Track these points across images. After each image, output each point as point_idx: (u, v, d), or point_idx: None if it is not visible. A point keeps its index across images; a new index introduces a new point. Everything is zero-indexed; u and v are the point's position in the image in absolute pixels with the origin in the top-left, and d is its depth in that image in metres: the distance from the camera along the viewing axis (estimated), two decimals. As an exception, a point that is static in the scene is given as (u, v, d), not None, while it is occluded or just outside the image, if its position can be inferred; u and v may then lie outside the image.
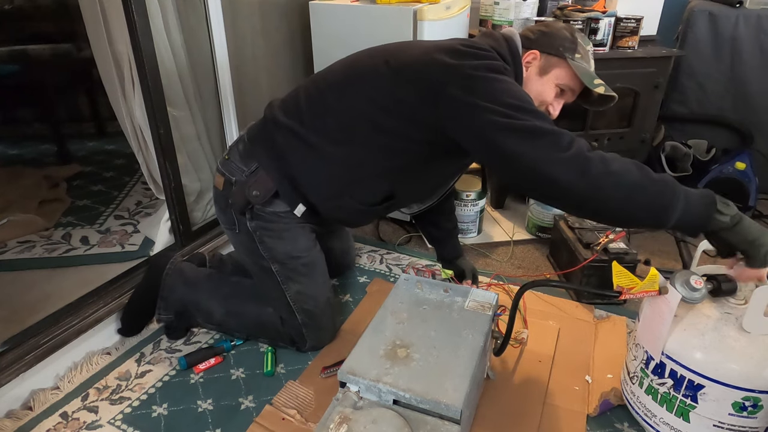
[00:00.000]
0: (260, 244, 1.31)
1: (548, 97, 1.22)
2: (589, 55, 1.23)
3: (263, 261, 1.33)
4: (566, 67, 1.20)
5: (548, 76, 1.22)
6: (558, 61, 1.21)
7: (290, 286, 1.34)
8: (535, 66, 1.22)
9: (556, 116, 1.24)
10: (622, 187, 0.98)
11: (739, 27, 2.16)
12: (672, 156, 2.29)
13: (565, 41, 1.20)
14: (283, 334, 1.39)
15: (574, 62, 1.19)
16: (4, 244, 1.90)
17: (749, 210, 1.99)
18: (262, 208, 1.27)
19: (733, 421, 1.00)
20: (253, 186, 1.25)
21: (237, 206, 1.27)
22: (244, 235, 1.32)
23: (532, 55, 1.22)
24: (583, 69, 1.20)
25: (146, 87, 1.49)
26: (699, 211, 0.97)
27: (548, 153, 1.00)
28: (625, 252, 1.55)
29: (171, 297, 1.44)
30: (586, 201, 1.00)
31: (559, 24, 1.28)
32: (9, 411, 1.23)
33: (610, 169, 0.98)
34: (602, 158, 0.99)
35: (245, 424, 1.18)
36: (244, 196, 1.26)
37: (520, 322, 1.47)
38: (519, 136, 1.01)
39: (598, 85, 1.20)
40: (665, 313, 1.01)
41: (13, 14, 2.86)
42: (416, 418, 0.96)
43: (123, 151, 2.72)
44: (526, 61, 1.22)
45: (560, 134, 1.02)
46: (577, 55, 1.20)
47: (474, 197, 1.91)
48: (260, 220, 1.29)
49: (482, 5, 2.19)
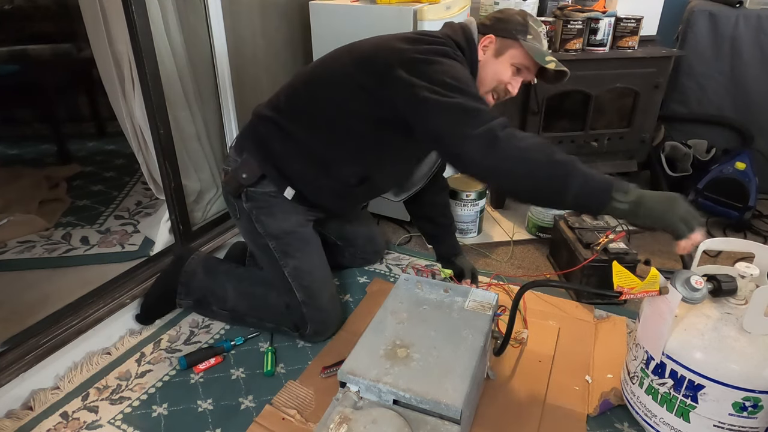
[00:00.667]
0: (257, 223, 1.41)
1: (505, 76, 1.32)
2: (540, 36, 1.32)
3: (261, 239, 1.42)
4: (519, 47, 1.30)
5: (504, 57, 1.31)
6: (512, 43, 1.30)
7: (287, 262, 1.41)
8: (491, 49, 1.33)
9: (515, 93, 1.35)
10: (523, 164, 1.06)
11: (739, 27, 2.16)
12: (672, 156, 2.29)
13: (517, 25, 1.31)
14: (286, 318, 1.43)
15: (527, 43, 1.29)
16: (4, 244, 1.90)
17: (749, 210, 1.99)
18: (254, 190, 1.39)
19: (733, 421, 1.00)
20: (242, 169, 1.37)
21: (231, 189, 1.40)
22: (244, 218, 1.43)
23: (488, 39, 1.32)
24: (535, 48, 1.29)
25: (146, 87, 1.49)
26: (594, 196, 1.04)
27: (459, 129, 1.10)
28: (625, 252, 1.55)
29: (192, 283, 1.51)
30: (487, 176, 1.15)
31: (512, 10, 1.38)
32: (9, 411, 1.23)
33: (514, 148, 1.07)
34: (510, 136, 1.08)
35: (245, 424, 1.19)
36: (235, 179, 1.38)
37: (520, 322, 1.48)
38: (439, 111, 1.12)
39: (550, 61, 1.29)
40: (665, 313, 1.01)
41: (13, 14, 2.86)
42: (416, 418, 0.96)
43: (123, 151, 2.72)
44: (483, 45, 1.33)
45: (479, 113, 1.11)
46: (528, 36, 1.30)
47: (474, 197, 1.91)
48: (254, 201, 1.40)
49: (482, 5, 2.19)
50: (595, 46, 1.97)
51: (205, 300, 1.50)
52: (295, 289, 1.41)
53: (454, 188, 1.90)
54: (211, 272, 1.53)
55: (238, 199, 1.41)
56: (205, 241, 1.76)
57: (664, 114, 2.32)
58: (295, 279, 1.41)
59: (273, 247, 1.41)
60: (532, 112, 1.98)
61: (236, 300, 1.48)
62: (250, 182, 1.36)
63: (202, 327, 1.52)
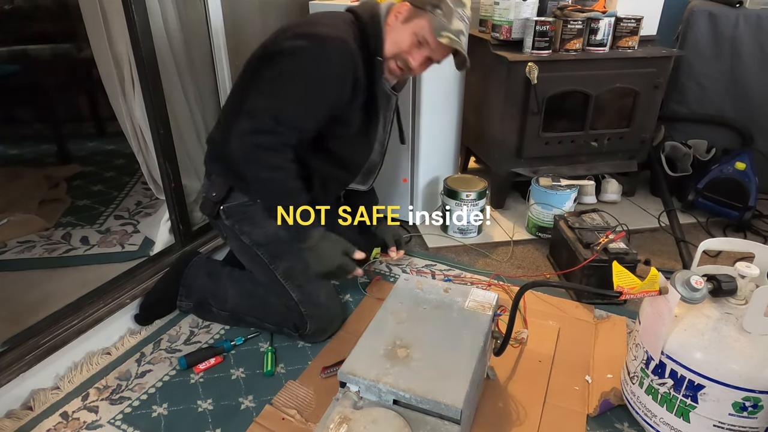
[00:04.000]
0: (242, 236, 1.43)
1: (404, 44, 1.33)
2: (452, 15, 1.30)
3: (249, 250, 1.44)
4: (426, 19, 1.30)
5: (409, 25, 1.33)
6: (421, 13, 1.31)
7: (278, 265, 1.42)
8: (402, 16, 1.35)
9: (416, 67, 1.35)
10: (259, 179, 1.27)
11: (739, 27, 2.16)
12: (672, 156, 2.29)
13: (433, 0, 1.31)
14: (287, 319, 1.43)
15: (434, 16, 1.29)
16: (4, 244, 1.90)
17: (749, 210, 1.99)
18: (229, 205, 1.43)
19: (733, 421, 1.00)
20: (211, 190, 1.43)
21: (208, 211, 1.46)
22: (231, 236, 1.47)
23: (404, 6, 1.35)
24: (438, 22, 1.29)
25: (146, 87, 1.49)
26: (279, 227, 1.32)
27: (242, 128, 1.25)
28: (625, 252, 1.55)
29: (193, 285, 1.52)
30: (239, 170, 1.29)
31: None
32: (9, 411, 1.23)
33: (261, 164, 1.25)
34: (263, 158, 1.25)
35: (245, 424, 1.19)
36: (208, 200, 1.44)
37: (520, 322, 1.48)
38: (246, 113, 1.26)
39: (445, 36, 1.29)
40: (665, 313, 1.01)
41: (13, 14, 2.87)
42: (416, 418, 0.96)
43: (123, 151, 2.73)
44: (396, 12, 1.35)
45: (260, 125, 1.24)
46: (438, 11, 1.29)
47: (474, 197, 1.91)
48: (232, 215, 1.44)
49: (482, 5, 2.19)
50: (595, 46, 1.97)
51: (205, 301, 1.50)
52: (289, 290, 1.41)
53: (455, 188, 1.91)
54: (212, 274, 1.53)
55: (218, 219, 1.45)
56: (205, 241, 1.76)
57: (664, 114, 2.32)
58: (288, 280, 1.42)
59: (261, 254, 1.43)
60: (532, 112, 1.98)
61: (237, 301, 1.48)
62: (220, 197, 1.42)
63: (202, 327, 1.52)
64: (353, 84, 1.31)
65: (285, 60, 1.26)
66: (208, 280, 1.52)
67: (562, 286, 1.63)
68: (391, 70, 1.37)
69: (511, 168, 2.12)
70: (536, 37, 1.90)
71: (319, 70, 1.25)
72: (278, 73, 1.27)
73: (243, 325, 1.50)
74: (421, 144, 1.93)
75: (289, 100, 1.26)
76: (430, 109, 1.90)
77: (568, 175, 2.06)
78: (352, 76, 1.29)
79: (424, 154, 1.96)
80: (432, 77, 1.84)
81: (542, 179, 1.98)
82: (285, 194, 1.28)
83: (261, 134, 1.24)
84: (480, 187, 1.93)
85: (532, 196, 1.99)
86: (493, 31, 2.05)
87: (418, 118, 1.88)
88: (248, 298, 1.48)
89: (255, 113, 1.25)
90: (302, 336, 1.43)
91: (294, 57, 1.25)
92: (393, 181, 2.02)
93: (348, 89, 1.30)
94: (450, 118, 2.09)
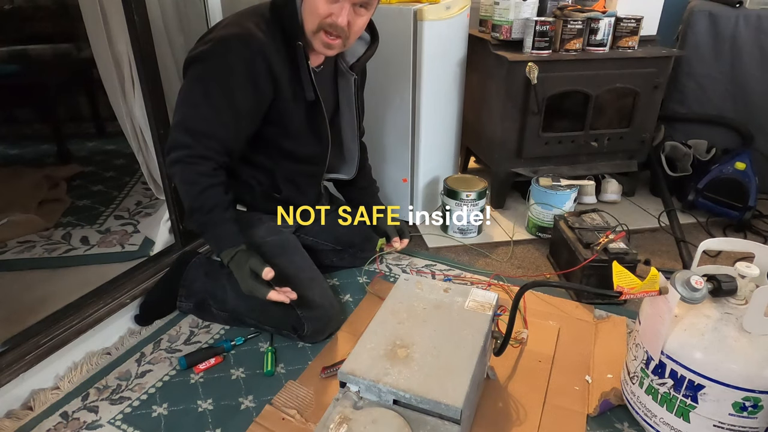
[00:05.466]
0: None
1: (320, 8, 1.22)
2: None
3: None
4: None
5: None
6: None
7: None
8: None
9: (344, 21, 1.24)
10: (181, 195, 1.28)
11: (739, 27, 2.16)
12: (672, 156, 2.29)
13: None
14: (285, 321, 1.42)
15: None
16: (4, 244, 1.90)
17: (749, 210, 1.99)
18: None
19: (733, 421, 1.00)
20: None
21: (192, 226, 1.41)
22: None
23: None
24: None
25: (146, 87, 1.49)
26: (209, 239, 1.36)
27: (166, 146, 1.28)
28: (625, 252, 1.55)
29: (193, 286, 1.52)
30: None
31: None
32: (9, 411, 1.22)
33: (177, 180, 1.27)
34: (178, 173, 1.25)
35: (245, 424, 1.18)
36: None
37: (520, 322, 1.48)
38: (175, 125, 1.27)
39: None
40: (665, 313, 1.01)
41: (13, 14, 2.87)
42: (416, 418, 0.96)
43: (123, 151, 2.73)
44: None
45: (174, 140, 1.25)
46: None
47: (474, 197, 1.91)
48: None
49: (482, 5, 2.20)
50: (595, 46, 1.97)
51: (205, 302, 1.50)
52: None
53: (454, 188, 1.91)
54: (212, 274, 1.53)
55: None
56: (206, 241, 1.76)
57: (664, 114, 2.32)
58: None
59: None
60: (532, 112, 1.98)
61: (236, 302, 1.47)
62: None
63: (202, 327, 1.52)
64: (271, 79, 1.27)
65: (190, 69, 1.25)
66: (207, 280, 1.52)
67: (562, 286, 1.63)
68: (325, 43, 1.27)
69: (511, 168, 2.12)
70: (536, 37, 1.90)
71: (223, 74, 1.22)
72: (186, 83, 1.26)
73: (243, 326, 1.50)
74: (421, 144, 1.93)
75: (198, 109, 1.24)
76: (430, 109, 1.90)
77: (568, 175, 2.06)
78: (265, 71, 1.25)
79: (424, 154, 1.96)
80: (432, 77, 1.84)
81: (542, 179, 1.98)
82: (199, 210, 1.26)
83: (175, 149, 1.24)
84: (480, 187, 1.93)
85: (532, 196, 1.99)
86: (493, 31, 2.06)
87: (418, 118, 1.88)
88: (247, 300, 1.46)
89: (171, 129, 1.27)
90: (301, 337, 1.43)
91: (197, 64, 1.23)
92: (393, 181, 2.02)
93: (265, 86, 1.27)
94: (450, 118, 2.09)
